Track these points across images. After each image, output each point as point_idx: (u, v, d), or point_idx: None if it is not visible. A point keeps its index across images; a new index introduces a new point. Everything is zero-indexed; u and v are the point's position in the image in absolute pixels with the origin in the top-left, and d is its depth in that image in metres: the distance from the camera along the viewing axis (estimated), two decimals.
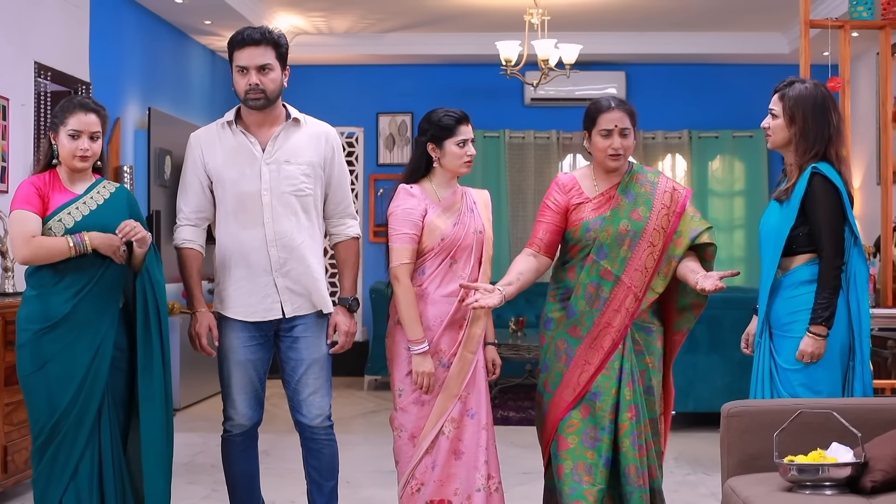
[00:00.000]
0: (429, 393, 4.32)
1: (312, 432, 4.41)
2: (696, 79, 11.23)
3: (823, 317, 3.99)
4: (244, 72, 4.28)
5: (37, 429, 4.14)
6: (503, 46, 8.85)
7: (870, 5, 6.16)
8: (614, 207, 4.31)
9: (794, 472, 3.47)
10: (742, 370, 7.57)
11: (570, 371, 4.30)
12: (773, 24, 10.37)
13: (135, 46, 8.73)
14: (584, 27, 10.25)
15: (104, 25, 7.97)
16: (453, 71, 11.46)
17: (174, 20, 9.40)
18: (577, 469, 4.25)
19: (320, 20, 10.14)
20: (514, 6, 9.30)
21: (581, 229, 4.30)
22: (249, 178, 4.31)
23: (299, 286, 4.33)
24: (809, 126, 4.14)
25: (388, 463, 6.56)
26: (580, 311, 4.30)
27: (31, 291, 4.16)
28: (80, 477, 4.13)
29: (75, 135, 4.18)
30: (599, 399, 4.26)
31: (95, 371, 4.13)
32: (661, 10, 9.76)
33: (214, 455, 6.73)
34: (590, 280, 4.29)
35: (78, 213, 4.17)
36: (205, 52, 10.48)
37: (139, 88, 8.73)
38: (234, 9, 8.87)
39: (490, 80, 11.12)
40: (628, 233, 4.29)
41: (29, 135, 6.87)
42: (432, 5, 9.58)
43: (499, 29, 10.19)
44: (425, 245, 4.35)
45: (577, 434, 4.27)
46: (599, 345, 4.28)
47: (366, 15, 9.97)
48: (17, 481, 5.58)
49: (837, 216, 4.06)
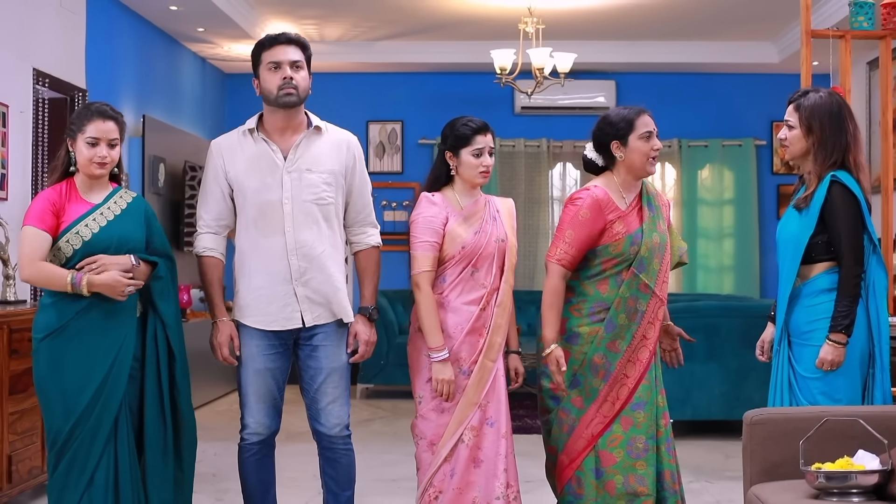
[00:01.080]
0: (449, 401, 4.30)
1: (331, 441, 4.39)
2: (685, 88, 11.29)
3: (843, 325, 4.00)
4: (276, 68, 4.27)
5: (52, 435, 4.11)
6: (498, 55, 8.87)
7: (870, 15, 6.19)
8: (646, 220, 4.28)
9: (822, 480, 3.47)
10: (739, 378, 7.61)
11: (609, 386, 4.25)
12: (764, 34, 10.43)
13: (129, 54, 8.70)
14: (574, 36, 10.28)
15: (100, 32, 7.95)
16: (443, 79, 11.48)
17: (167, 27, 9.38)
18: (629, 482, 4.21)
19: (312, 28, 10.13)
20: (508, 15, 9.33)
21: (626, 243, 4.22)
22: (271, 186, 4.29)
23: (319, 295, 4.31)
24: (827, 135, 4.15)
25: (388, 471, 6.60)
26: (620, 325, 4.23)
27: (48, 299, 4.15)
28: (95, 486, 4.09)
29: (94, 142, 4.16)
30: (645, 409, 4.24)
31: (114, 379, 4.10)
32: (651, 19, 9.81)
33: (214, 463, 6.72)
34: (630, 294, 4.23)
35: (95, 225, 4.15)
36: (195, 60, 10.46)
37: (133, 96, 8.70)
38: (227, 16, 8.86)
39: (480, 88, 11.17)
40: (659, 246, 4.28)
41: (27, 142, 6.84)
42: (426, 14, 9.59)
43: (490, 38, 10.24)
44: (446, 253, 4.34)
45: (622, 447, 4.23)
46: (637, 357, 4.25)
47: (358, 23, 9.97)
48: (21, 490, 5.53)
49: (856, 224, 4.07)
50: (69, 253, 4.11)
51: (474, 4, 9.27)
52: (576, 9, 9.39)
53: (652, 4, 9.28)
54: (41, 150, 7.03)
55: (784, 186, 11.38)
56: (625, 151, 4.26)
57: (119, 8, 8.47)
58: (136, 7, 8.67)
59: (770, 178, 11.47)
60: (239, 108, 11.51)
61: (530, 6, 8.77)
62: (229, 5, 8.80)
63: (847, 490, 3.47)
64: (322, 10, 9.52)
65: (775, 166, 11.39)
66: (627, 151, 4.25)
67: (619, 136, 4.27)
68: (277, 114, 4.32)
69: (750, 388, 7.62)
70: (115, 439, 4.13)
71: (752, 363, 7.58)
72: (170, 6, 8.58)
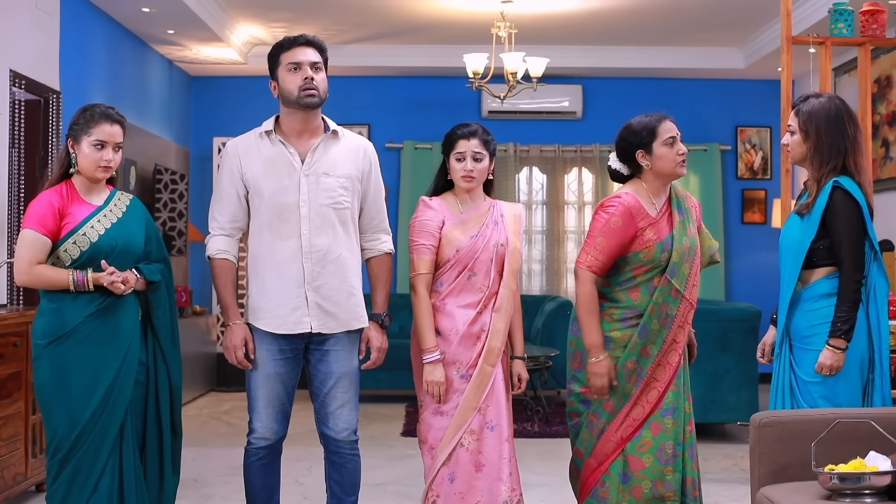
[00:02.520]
0: (441, 403, 4.31)
1: (338, 445, 4.37)
2: (651, 93, 11.34)
3: (843, 330, 4.04)
4: (296, 69, 4.26)
5: (55, 443, 4.07)
6: (470, 59, 8.86)
7: (850, 22, 6.27)
8: (676, 225, 4.29)
9: (836, 481, 3.51)
10: (714, 381, 7.67)
11: (641, 390, 4.27)
12: (729, 40, 10.53)
13: (100, 56, 8.62)
14: (541, 40, 10.31)
15: (73, 34, 7.86)
16: (411, 83, 11.48)
17: (137, 29, 9.30)
18: (656, 487, 4.25)
19: (281, 31, 10.07)
20: (477, 19, 9.36)
21: (656, 250, 4.23)
22: (288, 189, 4.27)
23: (329, 303, 4.29)
24: (823, 139, 4.19)
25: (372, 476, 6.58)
26: (653, 331, 4.25)
27: (50, 303, 4.10)
28: (100, 493, 4.06)
29: (100, 145, 4.13)
30: (674, 415, 4.27)
31: (121, 383, 4.08)
32: (619, 24, 9.86)
33: (193, 468, 6.68)
34: (663, 299, 4.24)
35: (101, 227, 4.12)
36: (163, 62, 10.38)
37: (104, 98, 8.60)
38: (199, 18, 8.78)
39: (447, 92, 11.19)
40: (689, 250, 4.29)
41: (4, 143, 6.74)
42: (397, 17, 9.58)
43: (458, 41, 10.26)
44: (442, 257, 4.37)
45: (651, 453, 4.25)
46: (667, 361, 4.28)
47: (329, 26, 9.94)
48: (7, 497, 5.46)
49: (858, 230, 4.11)
50: (76, 255, 4.08)
51: (445, 8, 9.27)
52: (545, 13, 9.42)
53: (621, 10, 9.33)
54: (17, 152, 6.94)
55: (749, 191, 11.50)
56: (651, 159, 4.26)
57: (91, 10, 8.39)
58: (108, 9, 8.58)
59: (735, 183, 11.57)
60: (204, 112, 11.46)
61: (503, 11, 8.79)
62: (201, 7, 8.74)
63: (859, 491, 3.51)
64: (293, 13, 9.48)
65: (740, 171, 11.49)
66: (654, 159, 4.26)
67: (643, 145, 4.27)
68: (296, 116, 4.31)
69: (724, 391, 7.70)
70: (121, 445, 4.10)
71: (726, 366, 7.71)
72: (142, 8, 8.50)
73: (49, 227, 4.07)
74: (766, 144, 11.43)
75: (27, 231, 4.07)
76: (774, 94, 11.27)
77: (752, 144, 11.43)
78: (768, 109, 11.25)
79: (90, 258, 4.08)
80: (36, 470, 5.77)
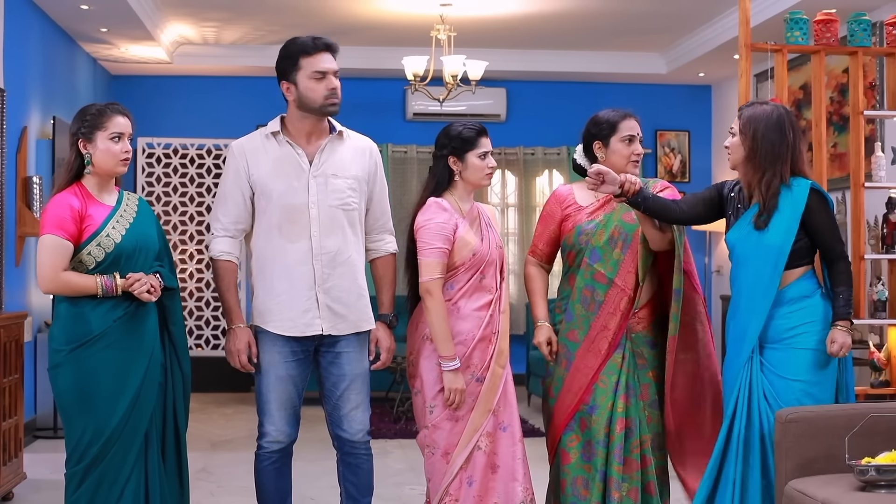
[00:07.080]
0: (458, 409, 4.32)
1: (353, 447, 4.37)
2: (575, 97, 11.48)
3: (848, 313, 4.14)
4: (322, 77, 4.24)
5: (79, 451, 3.96)
6: (410, 62, 8.91)
7: (805, 31, 6.46)
8: (609, 212, 4.43)
9: (873, 473, 3.65)
10: None
11: (571, 375, 4.41)
12: (652, 46, 10.73)
13: (38, 54, 8.43)
14: (465, 44, 10.36)
15: (15, 32, 7.67)
16: None
17: (68, 27, 9.09)
18: (576, 483, 4.40)
19: (211, 31, 9.97)
20: (414, 22, 9.39)
21: (574, 234, 4.43)
22: (297, 190, 4.25)
23: (339, 304, 4.28)
24: (759, 143, 4.16)
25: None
26: (577, 315, 4.42)
27: (70, 309, 3.99)
28: (125, 499, 3.98)
29: (117, 137, 4.07)
30: (595, 413, 4.37)
31: (147, 389, 4.01)
32: (545, 29, 9.96)
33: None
34: (584, 284, 4.39)
35: (121, 227, 4.05)
36: (88, 60, 10.17)
37: (43, 97, 8.43)
38: (136, 15, 8.58)
39: (372, 94, 11.19)
40: (620, 235, 4.40)
41: None
42: (330, 19, 9.53)
43: (392, 44, 10.28)
44: (455, 260, 4.36)
45: (577, 449, 4.41)
46: (597, 348, 4.39)
47: (260, 26, 9.86)
48: None
49: (836, 222, 4.23)
50: (100, 258, 3.99)
51: (380, 10, 9.26)
52: (481, 17, 9.49)
53: (556, 15, 9.44)
54: None
55: None
56: (605, 153, 4.42)
57: (31, 8, 8.19)
58: (46, 7, 8.39)
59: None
60: None
61: (442, 14, 8.84)
62: (139, 5, 8.58)
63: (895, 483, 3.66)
64: (227, 13, 9.37)
65: (659, 174, 11.70)
66: (608, 153, 4.42)
67: (601, 137, 4.45)
68: (308, 119, 4.30)
69: None
70: (146, 451, 4.03)
71: None
72: (81, 5, 8.30)
73: (70, 231, 3.97)
74: (685, 148, 11.66)
75: (48, 237, 3.95)
76: (695, 98, 11.55)
77: (672, 148, 11.66)
78: (688, 114, 11.50)
79: (114, 260, 4.00)
80: (6, 479, 5.62)
